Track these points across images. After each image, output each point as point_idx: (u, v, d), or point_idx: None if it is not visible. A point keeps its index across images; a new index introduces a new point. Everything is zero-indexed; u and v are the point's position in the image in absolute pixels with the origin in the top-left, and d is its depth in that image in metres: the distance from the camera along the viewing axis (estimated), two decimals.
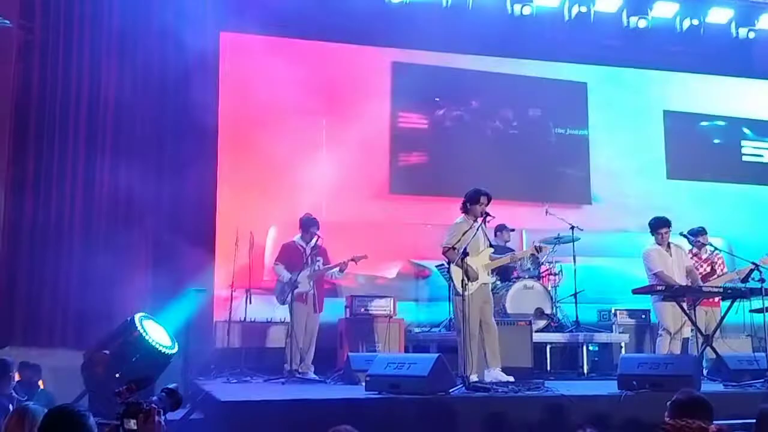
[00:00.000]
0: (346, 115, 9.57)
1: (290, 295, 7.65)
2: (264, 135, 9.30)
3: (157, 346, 6.14)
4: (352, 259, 7.84)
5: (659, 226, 7.67)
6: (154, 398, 2.91)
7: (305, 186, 9.22)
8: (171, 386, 3.03)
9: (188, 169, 8.40)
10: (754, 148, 11.16)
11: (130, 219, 8.28)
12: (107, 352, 5.92)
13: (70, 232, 8.16)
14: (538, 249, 7.42)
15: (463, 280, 6.44)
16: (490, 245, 7.00)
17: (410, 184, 9.76)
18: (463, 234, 6.73)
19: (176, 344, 6.48)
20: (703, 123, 11.03)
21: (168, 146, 8.48)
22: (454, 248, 6.71)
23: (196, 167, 8.53)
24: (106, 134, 8.41)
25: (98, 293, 7.92)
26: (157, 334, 6.27)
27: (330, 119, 9.60)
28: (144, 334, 6.08)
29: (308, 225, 7.89)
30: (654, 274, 7.55)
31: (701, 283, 7.65)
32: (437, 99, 10.02)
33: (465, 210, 6.89)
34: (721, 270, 8.10)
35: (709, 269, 8.07)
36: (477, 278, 6.63)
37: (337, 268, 7.87)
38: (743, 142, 11.13)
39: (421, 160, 9.86)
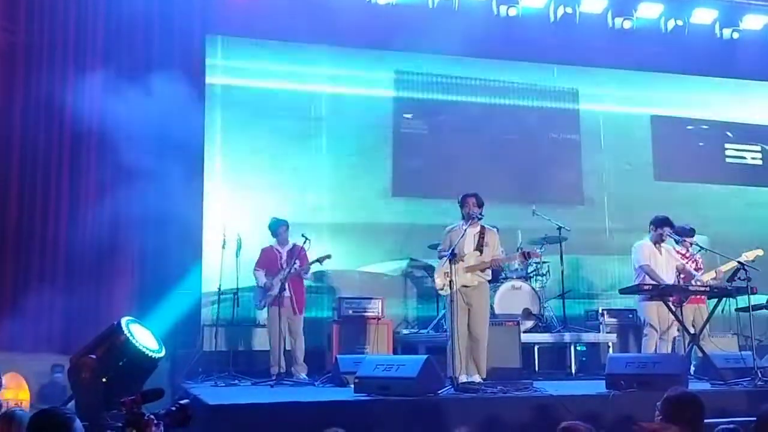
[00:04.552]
0: (347, 119, 9.66)
1: (264, 299, 7.75)
2: (256, 138, 9.30)
3: (144, 349, 6.08)
4: (317, 260, 7.88)
5: (663, 224, 7.68)
6: (161, 411, 2.88)
7: (303, 188, 9.29)
8: (183, 401, 3.00)
9: (175, 171, 8.34)
10: (737, 150, 11.36)
11: (116, 221, 8.22)
12: (93, 356, 5.85)
13: (55, 236, 8.10)
14: (527, 255, 7.41)
15: (451, 281, 6.47)
16: (478, 248, 6.93)
17: (411, 187, 9.85)
18: (446, 235, 7.02)
19: (163, 348, 6.43)
20: (689, 127, 11.19)
21: (154, 148, 8.42)
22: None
23: (183, 170, 8.48)
24: (91, 137, 8.35)
25: (85, 297, 7.87)
26: (144, 337, 6.21)
27: (329, 123, 9.64)
28: (131, 338, 6.02)
29: (272, 228, 8.04)
30: (640, 266, 7.59)
31: (697, 275, 7.71)
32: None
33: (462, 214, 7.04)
34: (701, 268, 8.16)
35: (694, 266, 8.13)
36: (447, 284, 6.60)
37: (306, 270, 7.91)
38: (726, 145, 11.31)
39: (422, 164, 9.94)
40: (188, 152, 8.58)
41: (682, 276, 7.76)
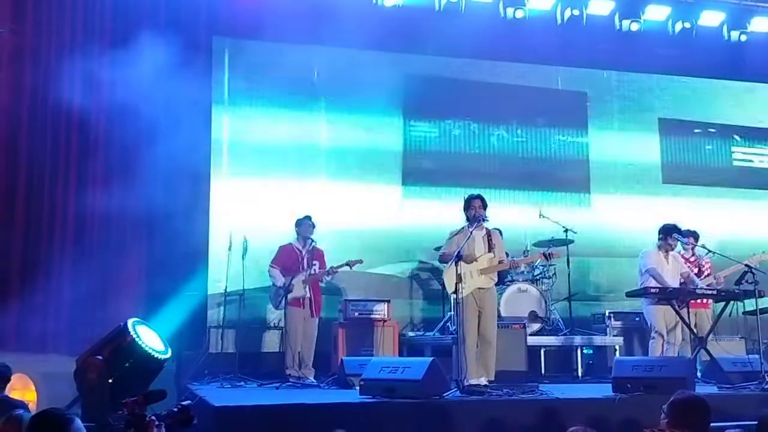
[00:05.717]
0: (355, 122, 9.67)
1: (284, 299, 7.62)
2: (263, 139, 9.30)
3: (151, 351, 6.09)
4: (347, 264, 7.80)
5: (671, 232, 7.69)
6: (163, 412, 2.89)
7: (310, 189, 9.28)
8: (185, 402, 3.01)
9: (182, 173, 8.38)
10: (744, 153, 11.32)
11: (124, 224, 8.24)
12: (100, 357, 5.87)
13: (62, 238, 8.12)
14: (548, 256, 7.36)
15: (457, 284, 6.43)
16: (490, 250, 6.84)
17: (420, 188, 9.87)
18: (451, 238, 6.87)
19: (169, 349, 6.44)
20: (696, 130, 11.14)
21: (161, 150, 8.45)
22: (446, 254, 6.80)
23: (190, 172, 8.51)
24: (99, 139, 8.38)
25: (91, 298, 7.89)
26: (150, 339, 6.23)
27: (335, 125, 9.64)
28: (137, 339, 6.03)
29: (298, 225, 7.91)
30: (647, 269, 7.58)
31: (697, 281, 7.71)
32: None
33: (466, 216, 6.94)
34: (708, 272, 8.13)
35: (696, 270, 8.11)
36: (459, 286, 6.50)
37: (327, 273, 7.83)
38: (733, 149, 11.29)
39: (431, 166, 9.94)
40: (195, 154, 8.61)
41: (686, 284, 7.72)
